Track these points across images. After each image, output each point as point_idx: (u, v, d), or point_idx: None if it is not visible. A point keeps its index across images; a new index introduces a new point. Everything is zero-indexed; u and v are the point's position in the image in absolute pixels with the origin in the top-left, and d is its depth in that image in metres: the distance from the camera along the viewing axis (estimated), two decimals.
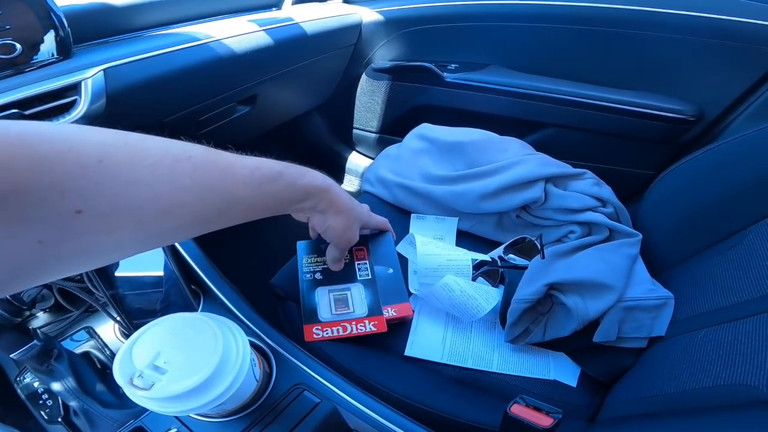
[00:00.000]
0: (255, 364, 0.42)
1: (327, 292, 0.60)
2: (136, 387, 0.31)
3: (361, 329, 0.57)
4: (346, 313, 0.58)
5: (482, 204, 0.71)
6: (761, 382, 0.38)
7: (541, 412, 0.42)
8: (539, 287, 0.57)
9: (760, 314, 0.45)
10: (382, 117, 1.21)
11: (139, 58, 0.63)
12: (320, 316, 0.58)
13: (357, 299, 0.59)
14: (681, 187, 0.68)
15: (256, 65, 0.82)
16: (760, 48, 0.77)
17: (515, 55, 1.01)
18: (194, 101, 0.73)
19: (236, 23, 0.81)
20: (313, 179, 0.45)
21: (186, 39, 0.70)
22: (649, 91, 0.88)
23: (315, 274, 0.61)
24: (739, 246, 0.56)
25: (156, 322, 0.35)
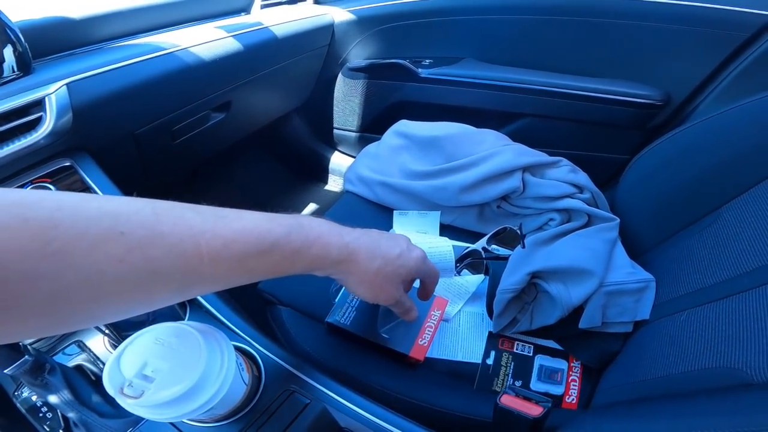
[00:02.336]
0: (243, 368, 0.43)
1: (538, 382, 0.61)
2: (127, 396, 0.31)
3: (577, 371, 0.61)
4: (561, 374, 0.61)
5: (462, 197, 0.72)
6: (743, 364, 0.38)
7: (530, 401, 0.43)
8: (522, 276, 0.58)
9: (736, 294, 0.45)
10: (361, 116, 1.21)
11: (104, 71, 0.61)
12: (558, 393, 0.59)
13: (549, 361, 0.62)
14: (654, 170, 0.69)
15: (227, 72, 0.81)
16: (721, 32, 0.79)
17: (488, 48, 1.02)
18: (166, 111, 0.72)
19: (205, 30, 0.80)
20: (324, 250, 0.36)
21: (151, 49, 0.69)
22: (619, 78, 0.90)
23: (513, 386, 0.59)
24: (714, 225, 0.57)
25: (141, 332, 0.35)
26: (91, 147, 0.64)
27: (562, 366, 0.61)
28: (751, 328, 0.41)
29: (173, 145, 0.78)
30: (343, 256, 0.38)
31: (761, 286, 0.43)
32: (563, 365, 0.61)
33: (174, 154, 0.81)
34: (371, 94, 1.15)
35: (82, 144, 0.62)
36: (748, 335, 0.41)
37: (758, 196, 0.53)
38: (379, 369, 0.59)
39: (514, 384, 0.60)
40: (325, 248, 0.36)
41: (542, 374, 0.61)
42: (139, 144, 0.70)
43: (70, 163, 0.61)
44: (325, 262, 0.37)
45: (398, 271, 0.44)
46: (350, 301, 0.62)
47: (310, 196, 1.39)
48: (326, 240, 0.36)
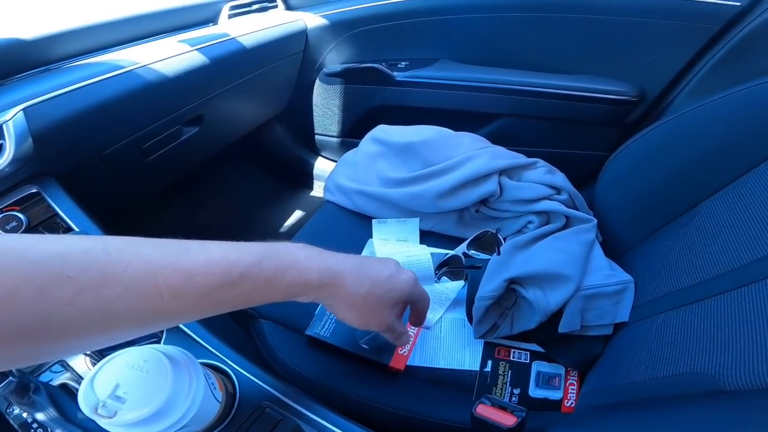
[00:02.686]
0: (215, 387, 0.44)
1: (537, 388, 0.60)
2: (101, 416, 0.33)
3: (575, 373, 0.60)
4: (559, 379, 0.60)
5: (440, 203, 0.71)
6: (716, 370, 0.38)
7: (505, 411, 0.43)
8: (499, 283, 0.57)
9: (711, 297, 0.45)
10: (341, 121, 1.20)
11: (62, 93, 0.60)
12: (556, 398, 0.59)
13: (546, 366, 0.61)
14: (630, 168, 0.69)
15: (196, 85, 0.80)
16: (692, 25, 0.79)
17: (463, 48, 1.02)
18: (133, 129, 0.71)
19: (169, 44, 0.79)
20: (301, 276, 0.34)
21: (112, 67, 0.67)
22: (594, 74, 0.90)
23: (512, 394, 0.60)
24: (690, 224, 0.56)
25: (113, 356, 0.37)
26: (57, 171, 0.62)
27: (559, 371, 0.61)
28: (724, 333, 0.40)
29: (146, 162, 0.76)
30: (326, 279, 0.36)
31: (735, 290, 0.43)
32: (560, 370, 0.61)
33: (148, 171, 0.79)
34: (349, 98, 1.14)
35: (47, 169, 0.61)
36: (720, 340, 0.40)
37: (733, 194, 0.52)
38: (361, 380, 0.59)
39: (513, 392, 0.60)
40: (303, 273, 0.34)
41: (540, 380, 0.61)
42: (109, 164, 0.69)
43: (37, 190, 0.60)
44: (305, 288, 0.35)
45: (389, 295, 0.41)
46: (329, 313, 0.61)
47: (296, 203, 1.38)
48: (303, 265, 0.34)
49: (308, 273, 0.34)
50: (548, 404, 0.59)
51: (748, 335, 0.38)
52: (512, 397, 0.59)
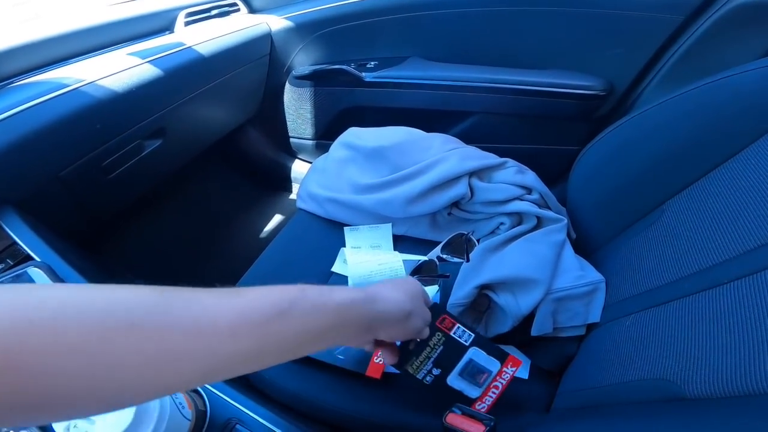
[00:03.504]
0: (184, 406, 0.44)
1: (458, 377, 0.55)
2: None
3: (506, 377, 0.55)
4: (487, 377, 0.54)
5: (410, 208, 0.70)
6: (678, 376, 0.38)
7: (474, 419, 0.43)
8: (470, 290, 0.57)
9: (676, 299, 0.45)
10: (314, 123, 1.18)
11: (7, 116, 0.57)
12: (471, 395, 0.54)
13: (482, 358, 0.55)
14: (598, 165, 0.69)
15: (152, 98, 0.77)
16: (657, 16, 0.78)
17: (431, 45, 1.00)
18: (89, 148, 0.68)
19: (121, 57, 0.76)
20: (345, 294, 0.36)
21: (58, 85, 0.64)
22: (562, 69, 0.89)
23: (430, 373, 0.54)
24: (658, 222, 0.56)
25: None
26: (14, 198, 0.60)
27: (492, 368, 0.56)
28: (685, 337, 0.40)
29: (108, 180, 0.74)
30: (365, 294, 0.38)
31: (699, 293, 0.43)
32: (494, 367, 0.55)
33: (112, 188, 0.77)
34: (320, 101, 1.12)
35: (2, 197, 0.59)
36: (682, 344, 0.40)
37: (698, 193, 0.52)
38: (337, 390, 0.58)
39: (432, 371, 0.54)
40: (345, 292, 0.36)
41: (466, 371, 0.55)
42: (68, 185, 0.66)
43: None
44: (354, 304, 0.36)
45: (417, 286, 0.46)
46: None
47: (275, 207, 1.36)
48: (342, 288, 0.37)
49: (350, 292, 0.37)
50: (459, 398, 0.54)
51: (710, 340, 0.38)
52: (428, 376, 0.54)
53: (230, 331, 0.27)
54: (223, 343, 0.26)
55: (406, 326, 0.42)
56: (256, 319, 0.28)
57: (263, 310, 0.29)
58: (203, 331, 0.26)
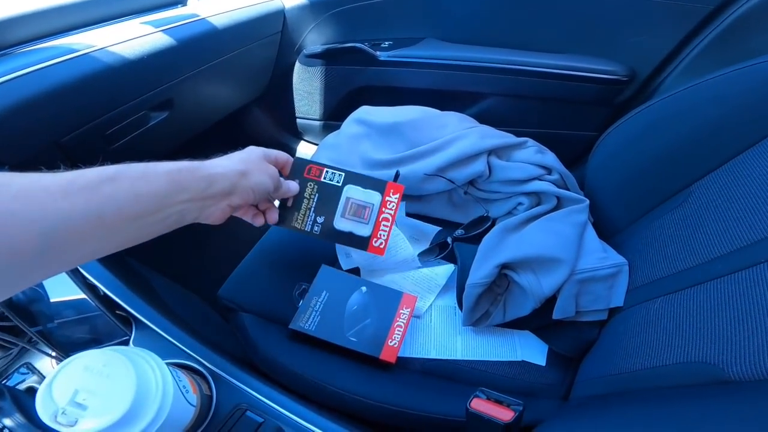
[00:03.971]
0: (188, 390, 0.42)
1: (342, 219, 0.57)
2: (61, 424, 0.32)
3: (392, 207, 0.57)
4: (370, 210, 0.57)
5: (426, 185, 0.68)
6: (719, 359, 0.36)
7: (502, 405, 0.40)
8: (491, 269, 0.55)
9: (710, 280, 0.43)
10: (323, 103, 1.15)
11: (11, 78, 0.55)
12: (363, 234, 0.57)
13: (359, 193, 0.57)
14: (622, 147, 0.67)
15: (163, 68, 0.75)
16: (686, 4, 0.76)
17: (448, 26, 0.97)
18: (93, 116, 0.65)
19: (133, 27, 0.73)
20: (173, 163, 0.38)
21: (68, 50, 0.62)
22: (584, 54, 0.87)
23: (315, 223, 0.57)
24: (685, 204, 0.54)
25: (70, 360, 0.35)
26: (11, 161, 0.58)
27: (373, 201, 0.56)
28: (725, 320, 0.38)
29: (110, 150, 0.71)
30: (195, 163, 0.40)
31: (734, 273, 0.41)
32: (375, 199, 0.56)
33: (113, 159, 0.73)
34: (331, 80, 1.09)
35: None
36: (722, 327, 0.38)
37: (729, 174, 0.51)
38: (349, 374, 0.56)
39: (317, 220, 0.56)
40: (173, 162, 0.38)
41: (348, 210, 0.56)
42: (68, 153, 0.64)
43: None
44: (185, 173, 0.38)
45: (252, 150, 0.49)
46: (314, 305, 0.58)
47: None
48: (170, 162, 0.38)
49: (178, 162, 0.38)
50: (354, 240, 0.56)
51: (751, 322, 0.36)
52: (315, 226, 0.56)
53: (61, 192, 0.28)
54: (57, 202, 0.28)
55: (250, 184, 0.45)
56: (85, 182, 0.30)
57: (91, 177, 0.31)
58: (34, 192, 0.27)
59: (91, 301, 0.52)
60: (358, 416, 0.54)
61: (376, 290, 0.60)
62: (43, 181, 0.28)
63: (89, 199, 0.30)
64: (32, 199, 0.27)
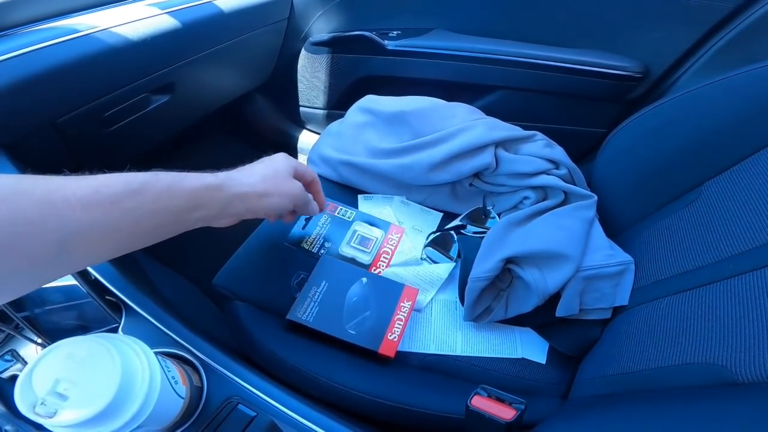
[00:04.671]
0: (177, 381, 0.40)
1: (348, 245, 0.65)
2: (39, 415, 0.30)
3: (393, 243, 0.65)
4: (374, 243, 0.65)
5: (431, 175, 0.66)
6: (728, 360, 0.35)
7: (503, 403, 0.39)
8: (495, 263, 0.53)
9: (719, 281, 0.42)
10: (327, 92, 1.13)
11: (6, 59, 0.53)
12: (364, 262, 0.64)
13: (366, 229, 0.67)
14: (631, 145, 0.65)
15: (166, 50, 0.73)
16: (705, 2, 0.74)
17: (458, 18, 0.95)
18: (91, 97, 0.64)
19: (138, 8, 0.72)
20: (197, 180, 0.38)
21: (68, 31, 0.60)
22: (596, 49, 0.85)
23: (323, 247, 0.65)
24: (695, 203, 0.53)
25: (51, 348, 0.33)
26: (5, 141, 0.56)
27: (378, 235, 0.65)
28: (735, 321, 0.37)
29: (107, 133, 0.70)
30: (219, 180, 0.40)
31: (746, 273, 0.40)
32: (379, 234, 0.66)
33: (110, 142, 0.72)
34: (337, 69, 1.07)
35: None
36: (731, 328, 0.37)
37: (740, 174, 0.50)
38: (345, 368, 0.55)
39: (324, 245, 0.64)
40: (199, 177, 0.38)
41: (353, 239, 0.65)
42: (63, 134, 0.62)
43: None
44: (208, 190, 0.38)
45: (279, 164, 0.48)
46: (312, 295, 0.57)
47: None
48: (196, 174, 0.38)
49: (202, 178, 0.38)
50: (355, 264, 0.63)
51: (761, 324, 0.35)
52: (322, 250, 0.64)
53: (81, 204, 0.28)
54: (76, 213, 0.28)
55: (263, 205, 0.45)
56: (108, 194, 0.30)
57: (115, 188, 0.31)
58: (54, 201, 0.27)
59: (81, 286, 0.50)
60: (353, 412, 0.53)
61: (376, 281, 0.58)
62: (67, 190, 0.28)
63: (108, 212, 0.30)
64: (52, 208, 0.27)
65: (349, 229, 0.66)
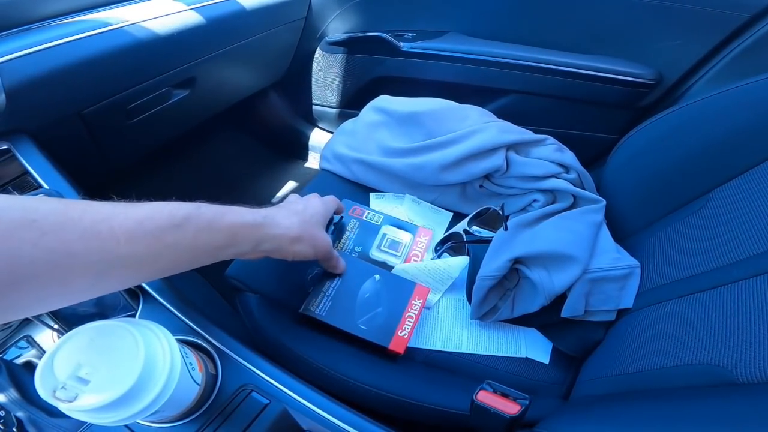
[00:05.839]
0: (194, 368, 0.40)
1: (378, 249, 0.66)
2: (59, 399, 0.30)
3: (422, 246, 0.66)
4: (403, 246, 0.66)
5: (443, 175, 0.68)
6: (729, 361, 0.36)
7: (508, 398, 0.40)
8: (503, 263, 0.54)
9: (724, 285, 0.43)
10: (341, 91, 1.15)
11: (40, 49, 0.56)
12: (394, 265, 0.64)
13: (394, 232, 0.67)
14: (642, 150, 0.66)
15: (190, 45, 0.75)
16: (720, 11, 0.74)
17: (473, 21, 0.97)
18: (117, 89, 0.66)
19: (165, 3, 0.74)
20: (238, 216, 0.38)
21: (97, 25, 0.63)
22: (609, 55, 0.85)
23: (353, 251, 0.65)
24: (703, 210, 0.54)
25: (74, 332, 0.33)
26: (31, 129, 0.59)
27: (406, 239, 0.67)
28: (739, 323, 0.38)
29: (129, 124, 0.72)
30: (258, 218, 0.41)
31: (751, 278, 0.41)
32: (407, 238, 0.67)
33: (132, 134, 0.75)
34: (351, 68, 1.09)
35: (20, 126, 0.57)
36: (734, 330, 0.38)
37: (750, 182, 0.50)
38: (354, 361, 0.56)
39: (355, 249, 0.65)
40: (239, 214, 0.38)
41: (383, 243, 0.66)
42: (89, 124, 0.65)
43: (8, 147, 0.56)
44: (246, 228, 0.39)
45: (316, 210, 0.49)
46: (326, 290, 0.58)
47: (289, 173, 1.34)
48: (237, 210, 0.39)
49: (242, 214, 0.39)
50: (385, 267, 0.63)
51: (762, 327, 0.36)
52: (353, 254, 0.65)
53: (126, 237, 0.29)
54: (120, 246, 0.28)
55: (292, 250, 0.45)
56: (152, 229, 0.30)
57: (160, 221, 0.31)
58: (100, 233, 0.28)
59: None
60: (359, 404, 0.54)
61: (389, 279, 0.59)
62: (113, 221, 0.28)
63: (150, 245, 0.30)
64: (97, 240, 0.27)
65: (378, 233, 0.66)
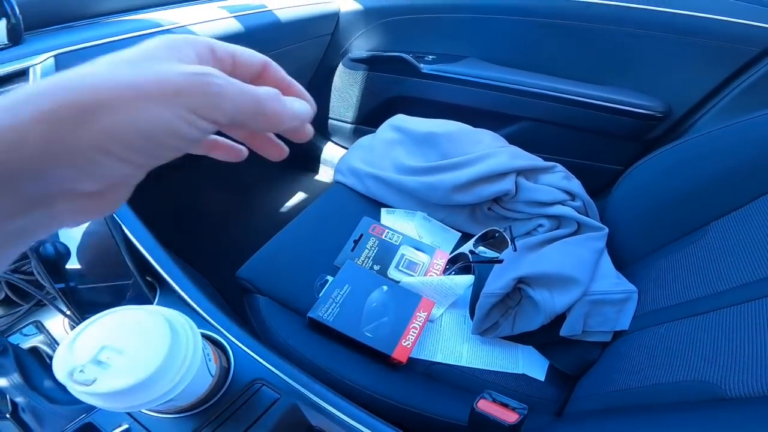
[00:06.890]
0: (210, 359, 0.41)
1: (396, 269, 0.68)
2: (76, 382, 0.29)
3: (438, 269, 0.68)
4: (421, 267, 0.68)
5: (454, 196, 0.71)
6: (718, 378, 0.38)
7: (507, 407, 0.42)
8: (508, 281, 0.57)
9: (717, 310, 0.45)
10: (358, 107, 1.19)
11: (94, 45, 0.60)
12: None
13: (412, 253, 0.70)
14: (647, 182, 0.69)
15: None
16: (729, 46, 0.77)
17: (492, 48, 1.01)
18: None
19: (207, 9, 0.79)
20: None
21: (148, 25, 0.67)
22: (620, 86, 0.88)
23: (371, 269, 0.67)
24: (701, 241, 0.57)
25: (102, 315, 0.32)
26: None
27: (424, 260, 0.69)
28: (728, 343, 0.41)
29: None
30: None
31: (742, 304, 0.43)
32: (425, 259, 0.69)
33: None
34: (370, 86, 1.13)
35: None
36: (724, 350, 0.41)
37: (746, 215, 0.53)
38: (357, 366, 0.58)
39: (373, 267, 0.68)
40: None
41: (401, 263, 0.69)
42: None
43: None
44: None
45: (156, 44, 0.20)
46: (335, 297, 0.61)
47: (300, 185, 1.37)
48: None
49: None
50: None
51: (752, 344, 0.39)
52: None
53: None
54: None
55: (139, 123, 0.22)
56: None
57: None
58: None
59: (127, 261, 0.52)
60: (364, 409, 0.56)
61: (396, 290, 0.62)
62: None
63: None
64: None
65: (397, 253, 0.69)
